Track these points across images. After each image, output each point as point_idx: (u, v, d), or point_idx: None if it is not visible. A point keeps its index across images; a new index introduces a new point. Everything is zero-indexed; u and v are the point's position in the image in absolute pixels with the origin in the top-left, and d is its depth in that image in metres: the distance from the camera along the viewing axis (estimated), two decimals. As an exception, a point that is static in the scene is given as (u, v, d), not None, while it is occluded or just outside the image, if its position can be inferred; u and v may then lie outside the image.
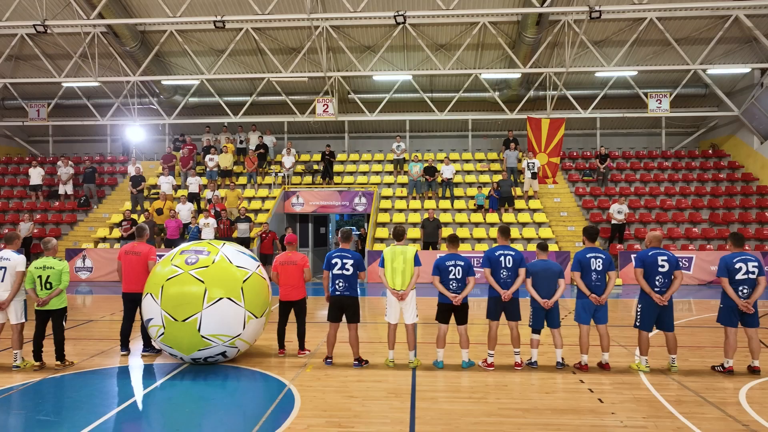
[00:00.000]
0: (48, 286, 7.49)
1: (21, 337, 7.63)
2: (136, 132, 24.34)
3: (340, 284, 7.61)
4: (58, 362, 7.62)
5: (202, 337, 7.20)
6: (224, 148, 21.81)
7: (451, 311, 7.59)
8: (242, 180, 22.02)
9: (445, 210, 19.81)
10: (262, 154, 22.35)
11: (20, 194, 22.44)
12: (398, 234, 7.87)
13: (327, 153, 21.71)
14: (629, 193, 20.75)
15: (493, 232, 18.40)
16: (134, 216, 18.85)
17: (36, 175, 21.22)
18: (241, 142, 23.21)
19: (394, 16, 16.68)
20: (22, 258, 7.67)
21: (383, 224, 19.36)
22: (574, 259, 7.60)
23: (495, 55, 21.42)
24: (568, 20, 18.98)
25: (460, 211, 19.85)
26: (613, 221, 18.08)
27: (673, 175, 21.68)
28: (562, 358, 7.61)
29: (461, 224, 19.14)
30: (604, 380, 7.08)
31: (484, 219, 19.23)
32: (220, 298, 7.24)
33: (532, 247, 17.40)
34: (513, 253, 7.58)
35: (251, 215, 19.04)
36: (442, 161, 21.12)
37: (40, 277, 7.49)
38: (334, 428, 5.51)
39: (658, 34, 19.80)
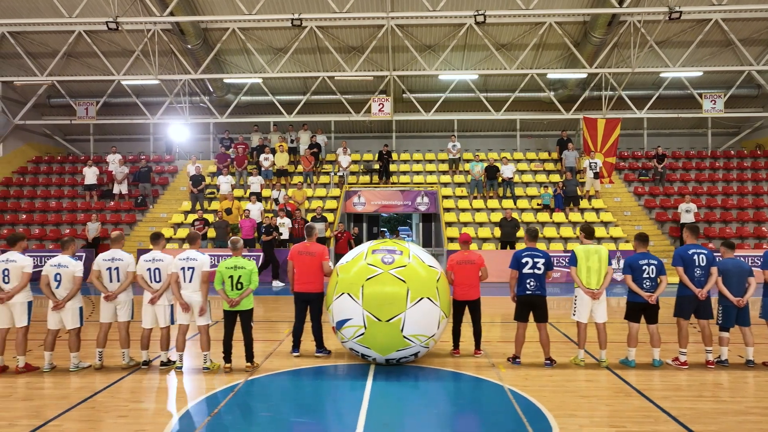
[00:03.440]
0: (239, 286, 7.35)
1: (209, 338, 7.48)
2: (181, 131, 24.06)
3: (531, 283, 7.57)
4: (249, 363, 7.48)
5: (404, 337, 7.11)
6: (280, 147, 21.60)
7: (643, 310, 7.59)
8: (296, 179, 21.83)
9: (506, 209, 19.76)
10: (315, 153, 22.20)
11: (71, 194, 22.05)
12: (589, 232, 7.84)
13: (385, 152, 21.61)
14: (687, 193, 20.91)
15: (564, 231, 18.49)
16: (200, 216, 18.58)
17: (91, 175, 20.86)
18: (292, 141, 23.02)
19: (474, 16, 16.64)
20: (206, 257, 7.53)
21: (450, 224, 19.31)
22: (764, 258, 7.63)
23: (553, 55, 21.50)
24: (634, 21, 19.09)
25: (523, 210, 19.87)
26: (682, 220, 18.21)
27: (728, 174, 21.92)
28: (753, 357, 7.63)
29: (527, 224, 19.13)
30: (807, 378, 7.11)
31: (551, 218, 19.27)
32: (421, 298, 7.14)
33: (609, 246, 17.49)
34: (706, 252, 7.60)
35: (312, 215, 18.78)
36: (500, 161, 21.13)
37: (231, 277, 7.33)
38: (608, 428, 5.46)
39: (718, 35, 20.03)
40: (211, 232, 18.05)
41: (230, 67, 22.26)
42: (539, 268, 7.58)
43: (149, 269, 7.51)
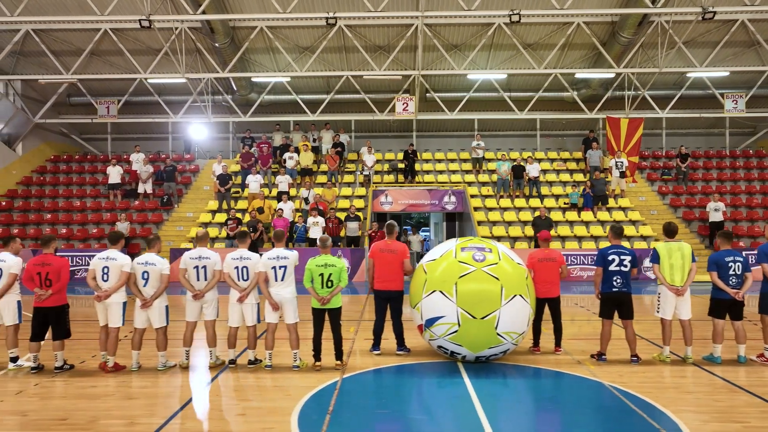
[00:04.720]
0: (329, 284, 7.31)
1: (298, 337, 7.44)
2: (200, 130, 23.94)
3: (618, 281, 7.60)
4: (338, 362, 7.45)
5: (497, 334, 7.12)
6: (304, 146, 21.53)
7: (728, 307, 7.63)
8: (320, 179, 21.78)
9: (535, 208, 19.84)
10: (339, 152, 22.15)
11: (93, 193, 21.86)
12: (670, 231, 7.88)
13: (410, 152, 21.62)
14: (710, 192, 21.05)
15: (594, 230, 18.56)
16: (231, 216, 18.50)
17: (115, 174, 20.70)
18: (314, 140, 22.96)
19: (509, 15, 16.67)
20: (296, 253, 7.51)
21: (480, 223, 19.32)
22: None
23: (578, 55, 21.60)
24: (662, 21, 19.21)
25: (551, 209, 19.91)
26: (711, 219, 18.34)
27: (749, 174, 22.11)
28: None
29: (557, 222, 19.20)
30: None
31: (579, 217, 19.35)
32: (514, 296, 7.16)
33: (640, 244, 17.65)
34: (791, 249, 7.66)
35: (342, 214, 18.73)
36: (525, 160, 21.19)
37: (321, 275, 7.29)
38: (732, 424, 5.49)
39: (743, 35, 20.20)
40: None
41: (254, 65, 22.18)
42: (625, 266, 7.62)
43: (237, 267, 7.47)
